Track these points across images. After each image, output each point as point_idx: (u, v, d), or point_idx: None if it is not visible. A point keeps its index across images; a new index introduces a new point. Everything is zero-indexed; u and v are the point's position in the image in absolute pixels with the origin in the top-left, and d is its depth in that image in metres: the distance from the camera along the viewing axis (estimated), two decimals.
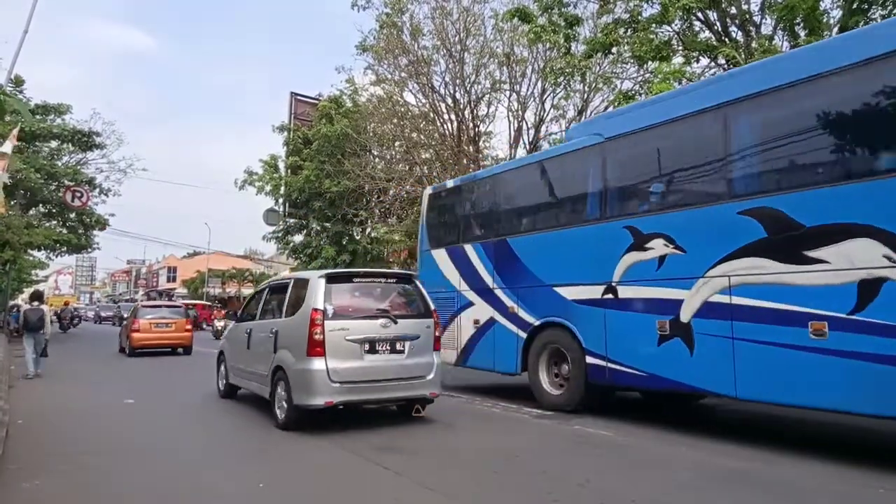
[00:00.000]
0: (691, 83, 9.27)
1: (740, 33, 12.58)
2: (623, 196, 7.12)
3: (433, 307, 7.30)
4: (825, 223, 5.13)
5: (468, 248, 9.25)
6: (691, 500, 4.27)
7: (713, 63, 12.63)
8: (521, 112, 20.28)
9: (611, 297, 6.92)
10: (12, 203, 22.44)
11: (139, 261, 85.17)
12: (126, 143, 31.33)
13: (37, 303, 12.07)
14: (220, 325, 24.54)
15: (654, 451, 5.68)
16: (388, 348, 6.62)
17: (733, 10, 12.52)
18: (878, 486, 4.47)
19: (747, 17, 12.49)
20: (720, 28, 12.83)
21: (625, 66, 15.59)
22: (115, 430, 6.61)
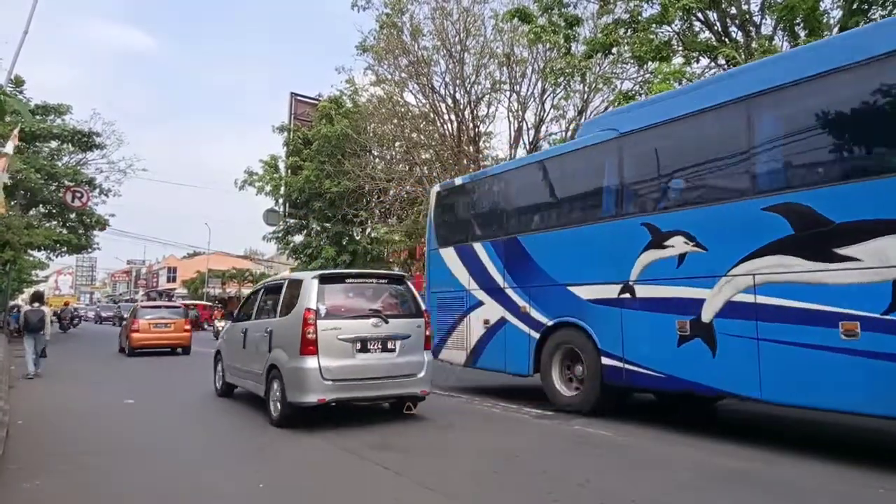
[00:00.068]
0: (713, 75, 8.93)
1: (740, 34, 12.58)
2: (640, 192, 6.91)
3: (424, 307, 7.42)
4: (856, 219, 4.92)
5: (478, 247, 9.04)
6: (691, 500, 4.27)
7: (713, 63, 12.64)
8: (521, 112, 20.29)
9: (628, 296, 6.73)
10: (12, 203, 22.44)
11: (139, 261, 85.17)
12: (126, 144, 31.48)
13: (37, 304, 12.07)
14: (220, 325, 24.55)
15: (654, 451, 5.68)
16: (380, 347, 6.74)
17: (733, 10, 12.52)
18: (878, 486, 4.47)
19: (747, 17, 12.49)
20: (720, 28, 12.83)
21: (625, 66, 15.61)
22: (115, 430, 6.61)
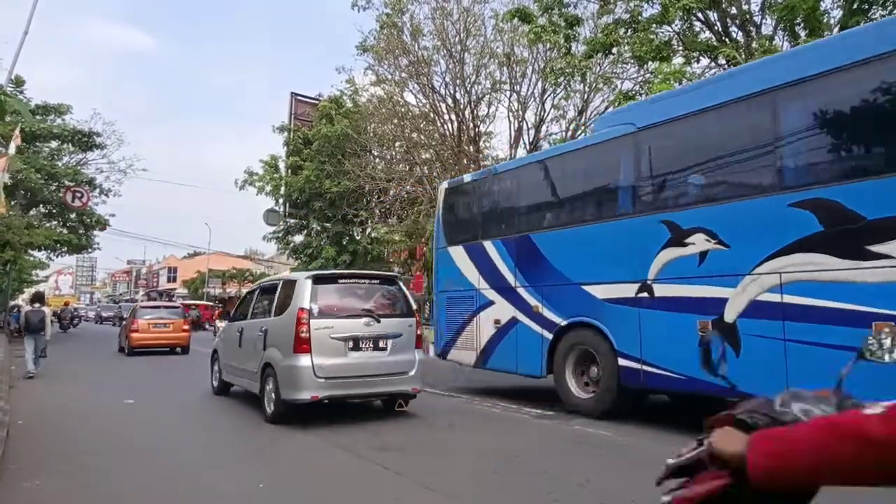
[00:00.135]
0: (734, 67, 8.65)
1: (740, 33, 12.59)
2: (659, 189, 6.69)
3: (415, 307, 7.59)
4: (890, 216, 4.74)
5: (488, 245, 8.86)
6: None
7: (713, 63, 12.64)
8: (521, 112, 20.30)
9: (646, 295, 6.53)
10: (13, 203, 22.45)
11: (139, 261, 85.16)
12: (126, 144, 31.47)
13: (38, 304, 12.07)
14: (220, 325, 24.56)
15: (654, 451, 5.67)
16: (371, 346, 6.87)
17: (733, 10, 12.53)
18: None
19: (747, 17, 12.49)
20: (720, 28, 12.84)
21: (625, 66, 15.62)
22: (115, 430, 6.61)
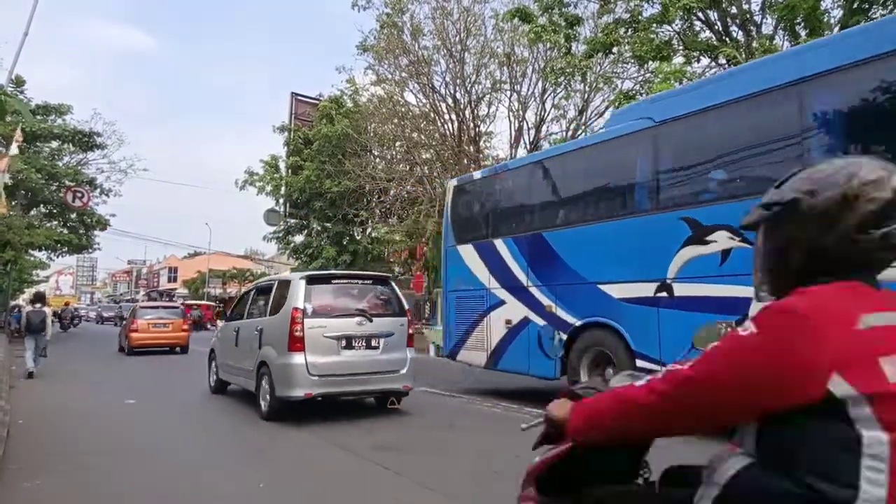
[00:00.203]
0: (758, 59, 8.45)
1: (741, 33, 12.59)
2: (679, 185, 6.50)
3: (407, 307, 7.75)
4: None
5: (498, 244, 8.69)
6: None
7: (714, 63, 12.64)
8: (521, 112, 20.32)
9: (665, 295, 6.34)
10: (13, 203, 22.47)
11: (140, 261, 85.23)
12: (127, 144, 31.48)
13: (39, 304, 12.06)
14: (220, 324, 24.56)
15: (653, 450, 5.66)
16: (364, 344, 7.01)
17: (734, 9, 12.53)
18: None
19: (748, 16, 12.49)
20: (721, 28, 12.84)
21: (625, 65, 15.63)
22: (115, 430, 6.61)
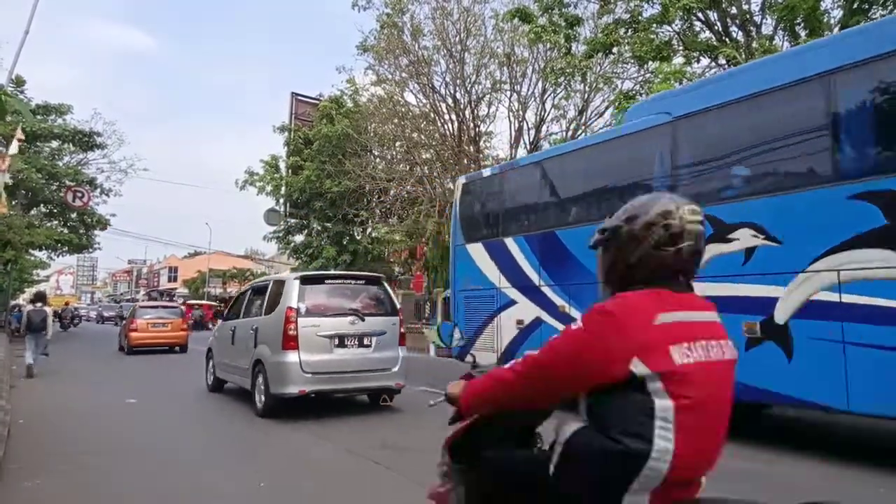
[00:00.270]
0: (781, 51, 8.21)
1: (741, 33, 12.59)
2: (698, 181, 6.32)
3: (399, 306, 7.95)
4: None
5: (509, 242, 8.50)
6: None
7: (713, 63, 12.64)
8: (521, 112, 20.33)
9: None
10: (14, 203, 22.47)
11: (140, 261, 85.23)
12: (127, 143, 31.37)
13: (40, 304, 12.07)
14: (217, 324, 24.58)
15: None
16: (356, 343, 7.15)
17: (734, 10, 12.54)
18: (878, 485, 4.48)
19: (748, 17, 12.50)
20: (720, 28, 12.85)
21: (625, 66, 15.64)
22: (115, 430, 6.61)
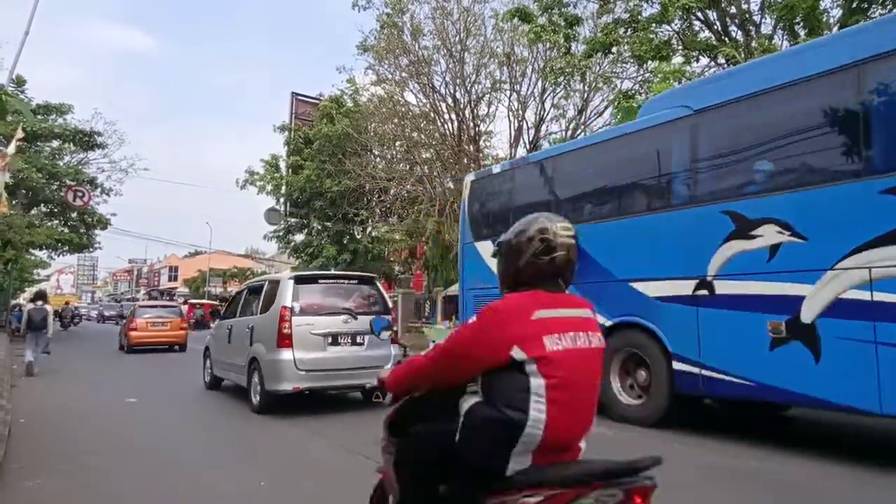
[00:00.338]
0: (807, 42, 7.95)
1: (740, 33, 12.60)
2: (720, 176, 6.14)
3: (391, 305, 8.14)
4: None
5: None
6: (693, 499, 4.29)
7: (713, 63, 12.65)
8: (521, 111, 20.34)
9: (705, 293, 5.94)
10: (14, 203, 22.48)
11: (141, 260, 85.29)
12: (127, 143, 31.51)
13: (40, 302, 12.08)
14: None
15: (653, 449, 5.65)
16: (349, 341, 7.30)
17: (733, 9, 12.54)
18: (878, 485, 4.48)
19: (747, 16, 12.50)
20: (720, 28, 12.85)
21: (625, 65, 15.63)
22: (116, 430, 6.63)
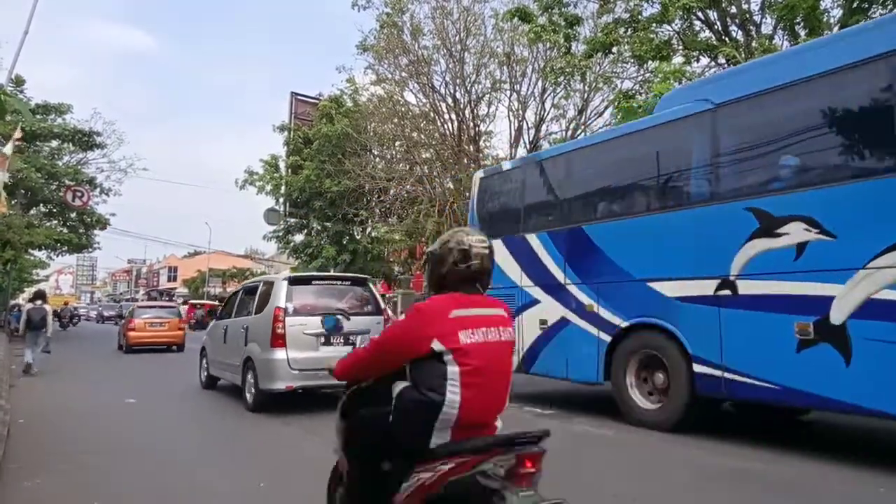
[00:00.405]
0: (845, 29, 7.82)
1: (740, 33, 12.59)
2: (743, 172, 5.97)
3: (383, 306, 8.34)
4: None
5: (531, 238, 8.08)
6: (693, 499, 4.28)
7: (713, 63, 12.64)
8: (521, 111, 20.33)
9: (728, 293, 5.77)
10: (13, 203, 22.43)
11: (140, 260, 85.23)
12: (126, 143, 31.33)
13: (39, 302, 12.07)
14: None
15: (654, 450, 5.68)
16: (342, 341, 7.36)
17: (733, 9, 12.53)
18: (878, 485, 4.47)
19: (747, 16, 12.49)
20: (720, 27, 12.84)
21: (625, 65, 15.61)
22: (115, 430, 6.61)
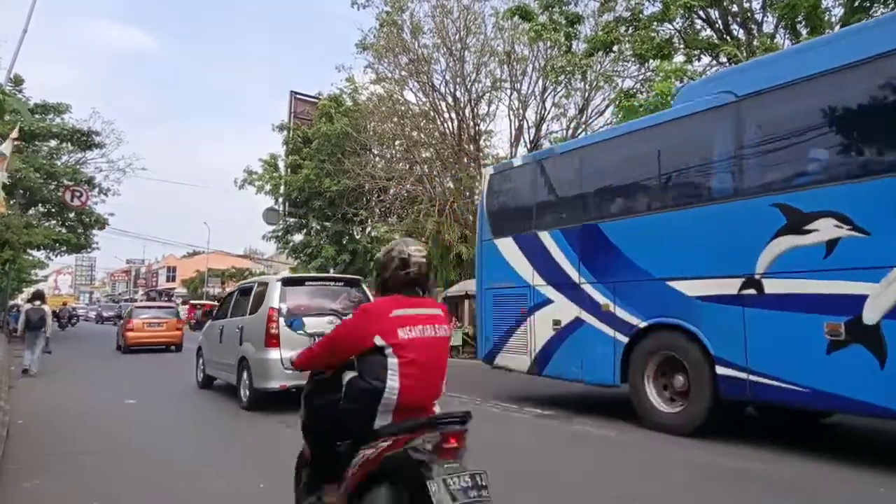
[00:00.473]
0: (864, 21, 7.65)
1: (742, 31, 12.58)
2: (769, 167, 5.75)
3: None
4: None
5: (544, 236, 7.90)
6: (693, 499, 4.27)
7: (715, 61, 12.63)
8: (521, 110, 20.32)
9: (753, 292, 5.58)
10: (12, 203, 22.38)
11: (138, 260, 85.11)
12: (125, 143, 31.45)
13: (38, 302, 12.07)
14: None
15: (654, 450, 5.67)
16: None
17: (735, 8, 12.52)
18: (878, 485, 4.46)
19: (749, 15, 12.49)
20: (721, 26, 12.83)
21: (626, 64, 15.61)
22: (114, 430, 6.60)
